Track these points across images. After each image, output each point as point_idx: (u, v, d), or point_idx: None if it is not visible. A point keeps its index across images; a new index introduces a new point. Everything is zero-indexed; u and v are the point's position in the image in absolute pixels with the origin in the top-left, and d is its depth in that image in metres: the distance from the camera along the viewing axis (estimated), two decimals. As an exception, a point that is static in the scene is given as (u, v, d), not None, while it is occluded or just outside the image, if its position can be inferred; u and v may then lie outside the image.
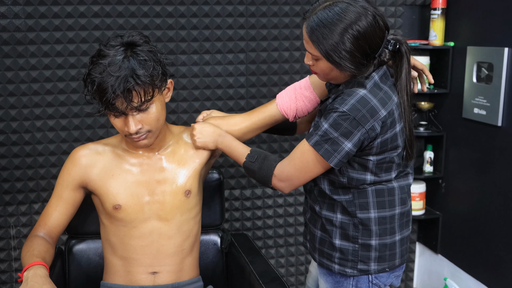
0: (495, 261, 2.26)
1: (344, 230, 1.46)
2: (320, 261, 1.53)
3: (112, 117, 1.45)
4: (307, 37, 1.34)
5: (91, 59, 1.43)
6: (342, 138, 1.32)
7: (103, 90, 1.37)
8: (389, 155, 1.40)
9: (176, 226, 1.59)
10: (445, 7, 2.44)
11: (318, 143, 1.35)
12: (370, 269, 1.47)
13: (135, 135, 1.46)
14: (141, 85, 1.38)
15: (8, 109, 2.13)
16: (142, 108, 1.42)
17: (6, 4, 2.04)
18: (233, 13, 2.28)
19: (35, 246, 1.47)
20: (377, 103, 1.33)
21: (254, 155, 1.50)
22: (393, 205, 1.46)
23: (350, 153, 1.35)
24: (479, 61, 2.27)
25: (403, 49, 1.38)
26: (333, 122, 1.33)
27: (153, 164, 1.58)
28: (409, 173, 1.51)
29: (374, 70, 1.38)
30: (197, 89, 2.31)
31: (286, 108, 1.61)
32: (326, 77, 1.41)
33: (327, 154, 1.35)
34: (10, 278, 2.28)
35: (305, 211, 1.62)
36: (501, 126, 2.17)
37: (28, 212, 2.24)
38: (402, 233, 1.50)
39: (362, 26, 1.29)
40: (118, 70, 1.36)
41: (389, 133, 1.37)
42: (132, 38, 1.44)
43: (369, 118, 1.32)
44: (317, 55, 1.34)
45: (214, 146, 1.59)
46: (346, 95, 1.34)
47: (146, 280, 1.59)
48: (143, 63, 1.39)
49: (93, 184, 1.56)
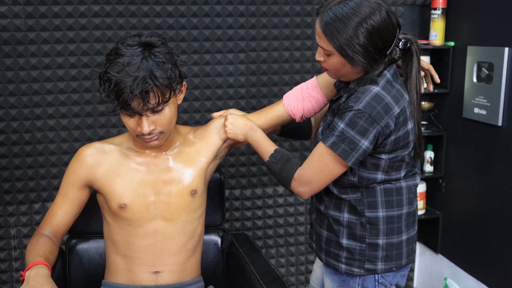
0: (496, 261, 2.26)
1: (351, 230, 1.46)
2: (327, 261, 1.53)
3: (126, 117, 1.44)
4: (321, 32, 1.34)
5: (107, 57, 1.41)
6: (358, 137, 1.32)
7: (120, 90, 1.35)
8: (401, 153, 1.41)
9: (181, 226, 1.59)
10: (446, 7, 2.44)
11: (335, 143, 1.35)
12: (377, 268, 1.47)
13: (147, 136, 1.45)
14: (159, 87, 1.37)
15: (9, 109, 2.13)
16: (157, 109, 1.41)
17: (7, 4, 2.04)
18: (233, 12, 2.28)
19: (40, 245, 1.47)
20: (391, 100, 1.34)
21: (277, 156, 1.49)
22: (401, 204, 1.46)
23: (366, 151, 1.35)
24: (479, 61, 2.27)
25: (414, 48, 1.40)
26: (349, 121, 1.32)
27: (160, 164, 1.58)
28: (416, 173, 1.52)
29: (385, 68, 1.39)
30: (198, 89, 2.31)
31: (293, 108, 1.61)
32: (337, 74, 1.41)
33: (345, 153, 1.34)
34: (11, 277, 2.28)
35: (311, 212, 1.62)
36: (502, 126, 2.17)
37: (29, 212, 2.24)
38: (409, 232, 1.50)
39: (376, 20, 1.30)
40: (136, 70, 1.35)
41: (402, 130, 1.37)
42: (150, 38, 1.42)
43: (384, 115, 1.32)
44: (329, 49, 1.34)
45: (243, 139, 1.59)
46: (359, 93, 1.34)
47: (148, 280, 1.59)
48: (161, 65, 1.38)
49: (99, 183, 1.56)
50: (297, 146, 2.48)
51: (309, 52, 2.41)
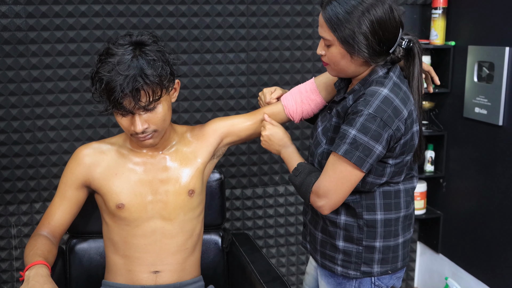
0: (496, 260, 2.26)
1: (348, 232, 1.45)
2: (323, 263, 1.53)
3: (118, 116, 1.45)
4: (323, 21, 1.34)
5: (99, 57, 1.42)
6: (372, 142, 1.29)
7: (112, 89, 1.36)
8: (406, 157, 1.40)
9: (179, 225, 1.60)
10: (446, 7, 2.44)
11: (348, 151, 1.31)
12: (373, 271, 1.46)
13: (141, 135, 1.46)
14: (149, 85, 1.38)
15: (9, 109, 2.13)
16: (149, 107, 1.42)
17: (7, 3, 2.04)
18: (234, 12, 2.28)
19: (38, 246, 1.47)
20: (400, 102, 1.32)
21: (299, 169, 1.46)
22: (398, 207, 1.45)
23: (380, 156, 1.32)
24: (480, 60, 2.27)
25: (416, 49, 1.39)
26: (360, 126, 1.29)
27: (156, 164, 1.59)
28: (414, 176, 1.51)
29: (389, 70, 1.38)
30: (198, 89, 2.31)
31: (292, 112, 1.62)
32: (337, 68, 1.39)
33: (360, 161, 1.31)
34: (11, 277, 2.29)
35: (305, 212, 1.61)
36: (502, 125, 2.17)
37: (29, 212, 2.24)
38: (405, 235, 1.50)
39: (379, 12, 1.31)
40: (127, 69, 1.36)
41: (409, 133, 1.36)
42: (141, 37, 1.43)
43: (394, 118, 1.30)
44: (330, 39, 1.34)
45: (277, 153, 1.60)
46: (368, 96, 1.32)
47: (148, 280, 1.59)
48: (152, 63, 1.39)
49: (97, 183, 1.57)
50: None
51: (310, 52, 2.41)
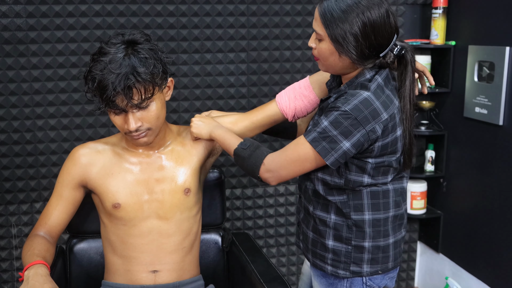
0: (497, 260, 2.26)
1: (337, 231, 1.45)
2: (314, 262, 1.53)
3: (112, 115, 1.46)
4: (318, 15, 1.35)
5: (92, 57, 1.44)
6: (340, 137, 1.32)
7: (104, 87, 1.37)
8: (388, 159, 1.40)
9: (176, 224, 1.60)
10: (447, 6, 2.44)
11: (316, 139, 1.35)
12: (362, 271, 1.46)
13: (135, 133, 1.47)
14: (141, 83, 1.39)
15: (10, 108, 2.13)
16: (142, 105, 1.42)
17: (8, 3, 2.04)
18: (234, 12, 2.28)
19: (35, 246, 1.47)
20: (380, 105, 1.33)
21: (247, 143, 1.49)
22: (387, 207, 1.45)
23: (348, 153, 1.34)
24: (480, 60, 2.27)
25: (408, 57, 1.39)
26: (333, 120, 1.32)
27: (152, 163, 1.59)
28: (403, 177, 1.50)
29: (377, 73, 1.38)
30: (198, 88, 2.31)
31: (285, 107, 1.61)
32: (325, 63, 1.40)
33: (324, 151, 1.34)
34: (12, 277, 2.29)
35: (298, 211, 1.62)
36: (503, 125, 2.17)
37: (30, 211, 2.25)
38: (396, 236, 1.49)
39: (373, 15, 1.30)
40: (118, 67, 1.37)
41: (390, 137, 1.37)
42: (133, 36, 1.44)
43: (371, 119, 1.32)
44: (321, 33, 1.35)
45: (208, 136, 1.59)
46: (349, 95, 1.34)
47: (146, 279, 1.59)
48: (143, 60, 1.40)
49: (93, 183, 1.57)
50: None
51: (310, 52, 2.41)
